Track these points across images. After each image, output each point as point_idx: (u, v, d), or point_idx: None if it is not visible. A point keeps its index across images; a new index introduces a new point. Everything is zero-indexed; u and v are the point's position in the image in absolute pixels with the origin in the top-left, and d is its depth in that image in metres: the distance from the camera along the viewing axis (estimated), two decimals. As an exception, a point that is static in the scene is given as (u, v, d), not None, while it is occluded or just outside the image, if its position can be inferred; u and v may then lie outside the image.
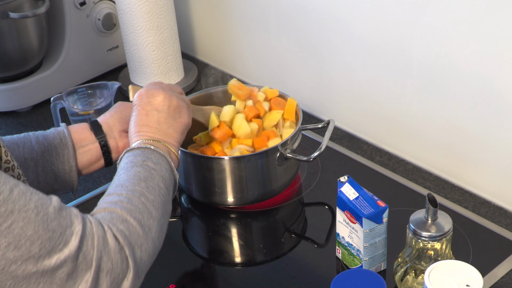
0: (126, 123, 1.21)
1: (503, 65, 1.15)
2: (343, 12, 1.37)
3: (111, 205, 0.90)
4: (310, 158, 1.19)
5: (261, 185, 1.23)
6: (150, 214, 0.91)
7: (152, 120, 1.08)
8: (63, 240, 0.80)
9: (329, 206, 1.27)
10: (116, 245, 0.84)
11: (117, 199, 0.91)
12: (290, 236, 1.24)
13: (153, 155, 1.01)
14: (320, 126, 1.28)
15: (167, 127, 1.08)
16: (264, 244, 1.23)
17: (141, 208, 0.91)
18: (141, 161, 0.99)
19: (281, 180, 1.25)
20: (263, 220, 1.27)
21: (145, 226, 0.89)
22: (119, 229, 0.86)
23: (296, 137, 1.23)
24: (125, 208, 0.89)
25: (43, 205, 0.80)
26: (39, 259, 0.78)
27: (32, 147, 1.12)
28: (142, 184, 0.94)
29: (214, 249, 1.25)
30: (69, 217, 0.82)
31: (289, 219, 1.27)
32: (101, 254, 0.82)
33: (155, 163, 0.99)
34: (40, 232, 0.79)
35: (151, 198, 0.93)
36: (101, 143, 1.18)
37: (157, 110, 1.09)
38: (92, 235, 0.83)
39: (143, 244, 0.88)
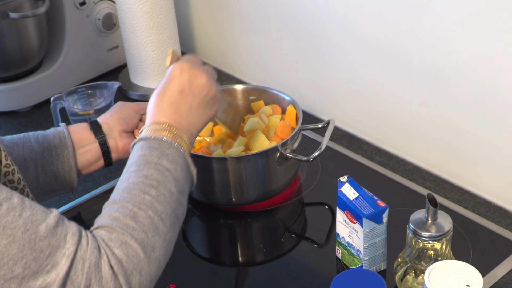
0: (126, 123, 1.21)
1: (503, 65, 1.15)
2: (343, 12, 1.37)
3: (113, 222, 0.84)
4: (310, 158, 1.19)
5: (261, 185, 1.23)
6: (156, 230, 0.85)
7: (184, 102, 0.99)
8: (51, 261, 0.76)
9: (329, 206, 1.27)
10: (110, 273, 0.79)
11: (121, 212, 0.85)
12: (290, 236, 1.24)
13: (170, 151, 0.93)
14: (320, 126, 1.28)
15: (195, 116, 1.00)
16: (264, 244, 1.23)
17: (147, 224, 0.85)
18: (156, 158, 0.91)
19: (281, 180, 1.25)
20: (263, 220, 1.27)
21: (148, 247, 0.84)
22: (115, 255, 0.81)
23: (296, 137, 1.23)
24: (126, 227, 0.83)
25: (34, 222, 0.76)
26: (23, 279, 0.75)
27: (31, 147, 1.12)
28: (152, 192, 0.88)
29: (214, 249, 1.25)
30: (63, 236, 0.78)
31: (289, 219, 1.27)
32: (90, 282, 0.78)
33: (170, 161, 0.92)
34: (25, 251, 0.75)
35: (160, 209, 0.87)
36: (100, 143, 1.17)
37: (193, 94, 1.00)
38: (84, 260, 0.78)
39: (143, 268, 0.83)
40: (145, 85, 1.64)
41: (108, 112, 1.22)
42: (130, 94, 1.64)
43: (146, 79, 1.63)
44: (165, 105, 0.98)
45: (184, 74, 1.00)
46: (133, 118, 1.23)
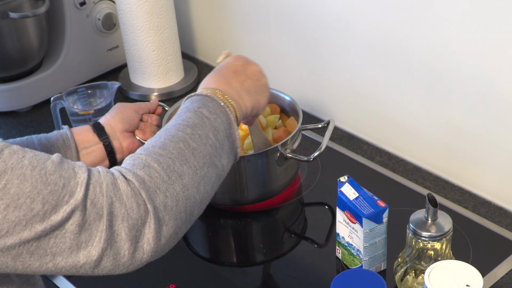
0: (127, 123, 1.21)
1: (503, 65, 1.15)
2: (343, 12, 1.38)
3: (141, 150, 0.85)
4: (310, 158, 1.19)
5: (261, 185, 1.23)
6: (185, 161, 0.85)
7: (237, 79, 1.00)
8: (67, 191, 0.76)
9: (329, 206, 1.27)
10: (129, 190, 0.79)
11: (152, 143, 0.86)
12: (290, 236, 1.24)
13: (212, 104, 0.93)
14: (320, 126, 1.28)
15: (246, 94, 0.99)
16: (264, 244, 1.23)
17: (175, 153, 0.84)
18: (196, 107, 0.92)
19: (281, 180, 1.25)
20: (263, 220, 1.27)
21: (173, 172, 0.83)
22: (136, 175, 0.81)
23: (296, 137, 1.23)
24: (153, 154, 0.84)
25: (39, 160, 0.76)
26: (44, 215, 0.74)
27: (34, 149, 1.12)
28: (187, 130, 0.88)
29: (214, 249, 1.25)
30: (72, 168, 0.78)
31: (289, 219, 1.27)
32: (111, 200, 0.78)
33: (211, 112, 0.91)
34: (39, 187, 0.74)
35: (192, 145, 0.86)
36: (105, 144, 1.18)
37: (247, 75, 1.01)
38: (100, 182, 0.78)
39: (168, 190, 0.81)
40: (145, 85, 1.64)
41: (108, 114, 1.23)
42: (130, 94, 1.64)
43: (146, 79, 1.63)
44: (218, 77, 0.99)
45: (239, 60, 1.03)
46: (134, 118, 1.23)
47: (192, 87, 1.66)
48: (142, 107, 1.27)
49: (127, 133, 1.21)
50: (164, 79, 1.63)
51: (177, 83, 1.65)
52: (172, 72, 1.64)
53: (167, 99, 1.62)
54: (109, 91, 1.41)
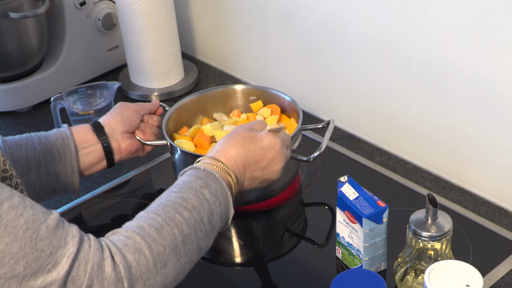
0: (128, 124, 1.21)
1: (503, 65, 1.15)
2: (343, 12, 1.37)
3: (137, 229, 0.85)
4: (310, 158, 1.19)
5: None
6: (175, 249, 0.86)
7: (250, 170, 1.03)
8: (52, 261, 0.76)
9: (329, 206, 1.27)
10: (113, 276, 0.80)
11: (149, 223, 0.86)
12: (290, 236, 1.24)
13: (214, 184, 0.95)
14: (320, 126, 1.28)
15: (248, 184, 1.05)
16: (264, 244, 1.23)
17: (168, 240, 0.86)
18: (200, 187, 0.94)
19: (281, 180, 1.25)
20: (263, 220, 1.27)
21: (160, 261, 0.84)
22: (126, 259, 0.81)
23: (296, 137, 1.23)
24: (148, 237, 0.84)
25: (35, 221, 0.76)
26: (23, 278, 0.74)
27: (34, 148, 1.12)
28: (185, 213, 0.89)
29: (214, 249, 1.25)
30: (64, 237, 0.78)
31: (289, 219, 1.27)
32: (92, 283, 0.78)
33: (212, 194, 0.94)
34: (26, 250, 0.74)
35: (186, 231, 0.88)
36: (103, 144, 1.18)
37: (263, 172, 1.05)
38: (87, 260, 0.78)
39: (149, 279, 0.83)
40: (145, 85, 1.64)
41: (109, 113, 1.23)
42: (130, 94, 1.64)
43: (146, 79, 1.63)
44: (234, 155, 1.01)
45: (272, 152, 1.05)
46: (135, 119, 1.23)
47: (192, 87, 1.66)
48: (144, 108, 1.27)
49: (127, 134, 1.21)
50: (164, 79, 1.63)
51: (177, 83, 1.65)
52: (172, 72, 1.64)
53: (167, 99, 1.62)
54: (109, 91, 1.41)
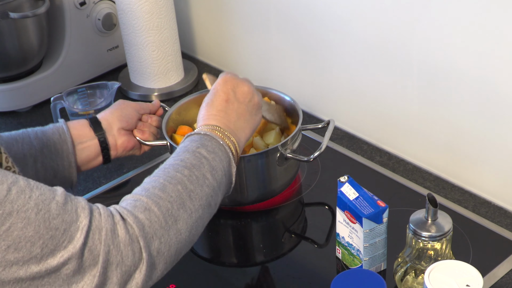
0: (126, 121, 1.21)
1: (503, 65, 1.15)
2: (343, 12, 1.37)
3: (142, 191, 0.87)
4: (310, 158, 1.19)
5: (261, 185, 1.23)
6: (182, 204, 0.87)
7: (232, 109, 1.04)
8: (67, 237, 0.77)
9: (329, 206, 1.27)
10: (127, 237, 0.80)
11: (152, 184, 0.88)
12: (290, 236, 1.24)
13: (210, 142, 0.96)
14: (320, 126, 1.28)
15: (243, 121, 1.04)
16: (264, 244, 1.23)
17: (174, 196, 0.87)
18: (195, 147, 0.95)
19: (281, 180, 1.25)
20: (263, 220, 1.27)
21: (171, 217, 0.85)
22: (138, 219, 0.82)
23: (296, 137, 1.23)
24: (154, 196, 0.86)
25: (45, 201, 0.77)
26: (41, 258, 0.75)
27: (31, 143, 1.12)
28: (185, 171, 0.90)
29: (214, 249, 1.25)
30: (75, 211, 0.79)
31: (289, 219, 1.27)
32: (109, 248, 0.79)
33: (209, 151, 0.95)
34: (41, 231, 0.75)
35: (190, 187, 0.89)
36: (100, 139, 1.17)
37: (239, 100, 1.05)
38: (100, 229, 0.79)
39: (163, 235, 0.84)
40: (145, 85, 1.64)
41: (108, 109, 1.23)
42: (130, 94, 1.64)
43: (146, 79, 1.63)
44: (214, 111, 1.02)
45: (228, 84, 1.06)
46: (133, 117, 1.23)
47: (192, 87, 1.66)
48: (144, 107, 1.26)
49: (124, 130, 1.21)
50: (164, 79, 1.63)
51: (177, 83, 1.65)
52: (172, 72, 1.64)
53: (167, 99, 1.62)
54: (109, 91, 1.41)
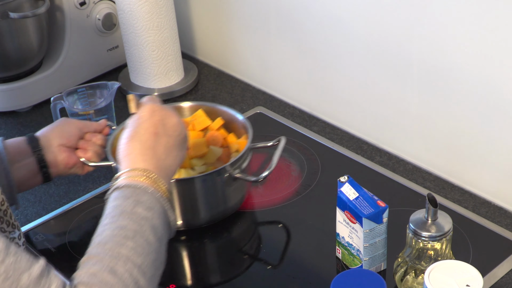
0: (66, 138, 1.17)
1: (503, 65, 1.15)
2: (343, 12, 1.37)
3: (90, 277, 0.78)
4: (260, 178, 1.16)
5: (213, 206, 1.20)
6: (136, 284, 0.79)
7: (160, 144, 0.94)
8: None
9: (329, 206, 1.26)
10: None
11: (98, 267, 0.79)
12: (290, 236, 1.24)
13: (146, 197, 0.87)
14: (270, 145, 1.24)
15: (172, 158, 0.95)
16: (264, 244, 1.23)
17: (127, 278, 0.79)
18: (131, 206, 0.86)
19: (233, 199, 1.22)
20: (263, 220, 1.27)
21: None
22: None
23: (246, 157, 1.20)
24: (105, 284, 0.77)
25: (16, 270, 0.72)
26: None
27: None
28: (129, 243, 0.81)
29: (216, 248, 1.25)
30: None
31: (289, 219, 1.27)
32: None
33: (147, 208, 0.86)
34: None
35: (139, 261, 0.81)
36: (38, 157, 1.14)
37: (168, 134, 0.95)
38: None
39: None
40: (145, 85, 1.64)
41: (48, 126, 1.20)
42: (130, 94, 1.64)
43: (146, 79, 1.63)
44: (141, 149, 0.93)
45: (156, 115, 0.96)
46: (74, 134, 1.19)
47: (192, 87, 1.66)
48: (87, 125, 1.22)
49: (64, 147, 1.18)
50: (164, 79, 1.63)
51: (177, 83, 1.65)
52: (172, 72, 1.64)
53: (167, 99, 1.62)
54: (109, 91, 1.41)
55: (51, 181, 1.19)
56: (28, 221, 1.28)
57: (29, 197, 1.34)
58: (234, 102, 1.60)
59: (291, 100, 1.58)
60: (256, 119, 1.53)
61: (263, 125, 1.51)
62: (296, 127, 1.49)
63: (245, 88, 1.65)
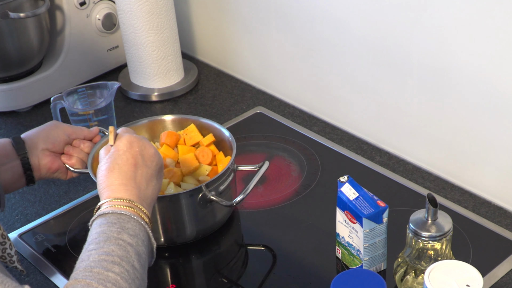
0: (51, 142, 1.16)
1: (503, 64, 1.15)
2: (343, 12, 1.37)
3: None
4: (234, 203, 1.13)
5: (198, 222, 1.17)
6: None
7: (141, 174, 0.96)
8: None
9: (329, 206, 1.26)
10: None
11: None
12: (291, 236, 1.24)
13: (130, 224, 0.89)
14: (252, 168, 1.21)
15: (152, 188, 0.97)
16: (264, 244, 1.23)
17: None
18: (116, 233, 0.87)
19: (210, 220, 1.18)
20: (263, 220, 1.27)
21: None
22: None
23: (225, 178, 1.16)
24: None
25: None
26: None
27: None
28: (116, 268, 0.82)
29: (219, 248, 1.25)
30: None
31: (289, 219, 1.27)
32: None
33: (131, 235, 0.88)
34: None
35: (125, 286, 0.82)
36: (23, 161, 1.13)
37: (146, 165, 0.97)
38: None
39: None
40: (145, 85, 1.64)
41: (35, 129, 1.19)
42: (130, 94, 1.64)
43: (146, 79, 1.63)
44: (122, 180, 0.94)
45: (134, 146, 0.97)
46: (61, 140, 1.18)
47: (192, 87, 1.66)
48: (77, 132, 1.21)
49: (48, 151, 1.17)
50: (164, 79, 1.63)
51: (177, 83, 1.65)
52: (172, 72, 1.64)
53: (167, 99, 1.62)
54: (109, 91, 1.41)
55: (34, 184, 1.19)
56: (28, 221, 1.28)
57: (29, 197, 1.34)
58: (234, 102, 1.60)
59: (291, 100, 1.58)
60: (256, 119, 1.53)
61: (263, 125, 1.51)
62: (296, 127, 1.49)
63: (245, 88, 1.65)
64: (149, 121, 1.29)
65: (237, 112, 1.56)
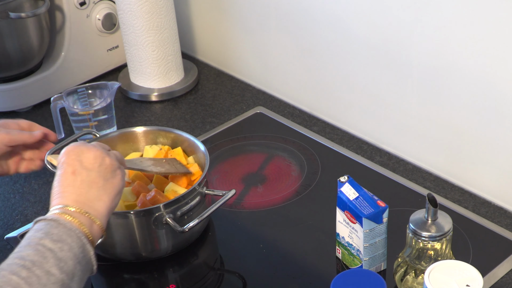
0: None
1: (503, 64, 1.15)
2: (343, 12, 1.38)
3: None
4: (185, 229, 1.09)
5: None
6: None
7: (80, 179, 0.95)
8: None
9: (329, 206, 1.26)
10: None
11: None
12: (291, 236, 1.24)
13: (57, 229, 0.87)
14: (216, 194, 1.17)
15: (97, 189, 0.95)
16: (264, 244, 1.23)
17: None
18: (39, 238, 0.85)
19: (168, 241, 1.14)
20: (264, 220, 1.27)
21: None
22: None
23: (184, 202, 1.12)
24: None
25: None
26: None
27: None
28: (23, 273, 0.81)
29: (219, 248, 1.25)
30: None
31: (289, 219, 1.27)
32: None
33: (55, 241, 0.86)
34: None
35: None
36: None
37: (87, 168, 0.96)
38: None
39: None
40: (145, 85, 1.64)
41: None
42: (130, 94, 1.64)
43: (146, 79, 1.63)
44: (59, 190, 0.94)
45: (71, 155, 0.97)
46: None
47: (192, 87, 1.66)
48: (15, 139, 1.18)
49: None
50: (164, 79, 1.63)
51: (177, 83, 1.65)
52: (172, 72, 1.64)
53: (167, 99, 1.62)
54: (109, 91, 1.41)
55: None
56: (28, 221, 1.28)
57: (29, 197, 1.34)
58: (234, 102, 1.60)
59: (291, 100, 1.58)
60: (256, 119, 1.53)
61: (263, 125, 1.51)
62: (296, 127, 1.49)
63: (245, 88, 1.65)
64: (120, 133, 1.26)
65: (237, 112, 1.56)
